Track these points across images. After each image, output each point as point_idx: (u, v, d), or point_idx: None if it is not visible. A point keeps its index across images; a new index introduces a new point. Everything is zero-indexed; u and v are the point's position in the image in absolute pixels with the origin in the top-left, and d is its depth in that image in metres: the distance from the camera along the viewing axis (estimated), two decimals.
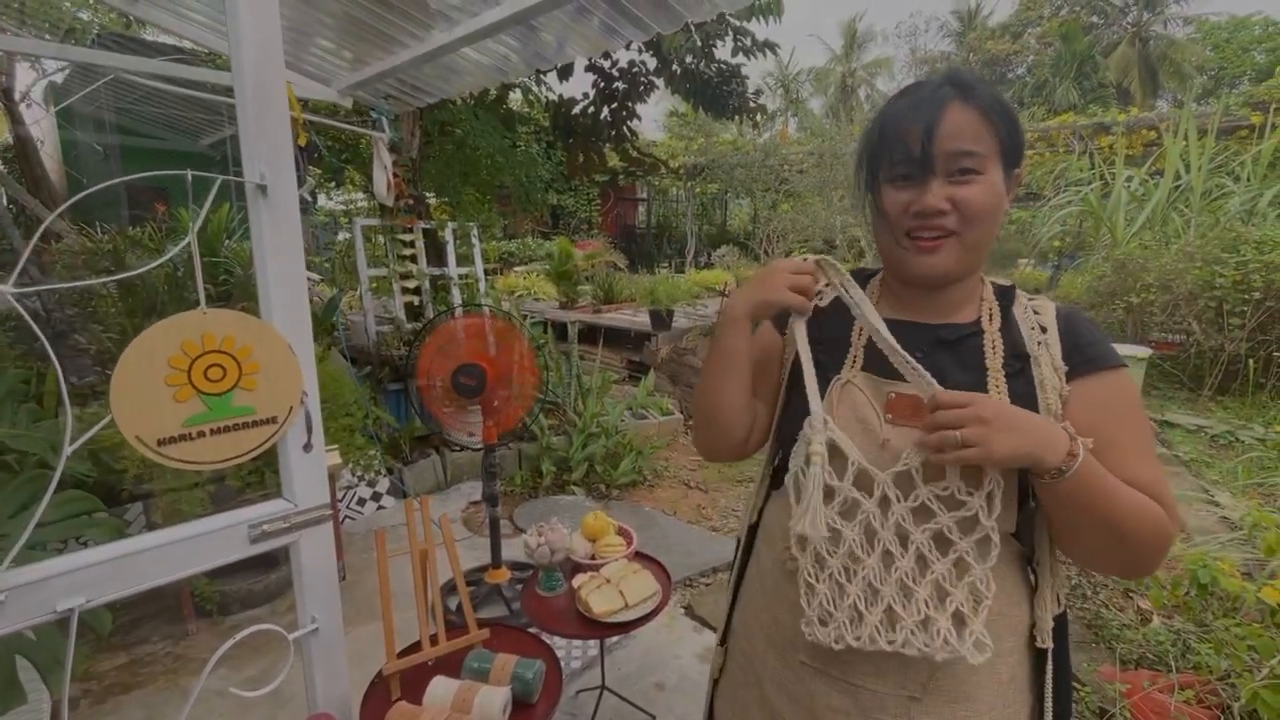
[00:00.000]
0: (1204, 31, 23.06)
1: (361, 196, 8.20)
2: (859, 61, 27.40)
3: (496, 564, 2.54)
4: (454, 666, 1.21)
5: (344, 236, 6.27)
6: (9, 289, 0.72)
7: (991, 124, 0.75)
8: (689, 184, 14.59)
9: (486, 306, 3.91)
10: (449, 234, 4.26)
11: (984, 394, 0.74)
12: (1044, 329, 0.81)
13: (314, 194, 4.93)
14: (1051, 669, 0.80)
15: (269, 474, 2.36)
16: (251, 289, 0.90)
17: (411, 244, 4.11)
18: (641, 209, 17.51)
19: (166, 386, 0.82)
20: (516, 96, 6.04)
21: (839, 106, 25.50)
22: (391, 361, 3.95)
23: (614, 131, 5.48)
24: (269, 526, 0.92)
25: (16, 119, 4.28)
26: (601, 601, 1.59)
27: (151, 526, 2.47)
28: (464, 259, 4.39)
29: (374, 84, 3.16)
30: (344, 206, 9.12)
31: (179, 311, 0.83)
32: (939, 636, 0.71)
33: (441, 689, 1.11)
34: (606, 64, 5.17)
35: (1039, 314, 0.83)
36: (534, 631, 1.47)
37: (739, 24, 4.99)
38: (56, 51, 3.68)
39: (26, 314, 0.84)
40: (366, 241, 4.15)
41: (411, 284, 4.11)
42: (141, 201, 6.13)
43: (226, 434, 0.87)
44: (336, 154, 5.87)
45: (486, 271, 4.66)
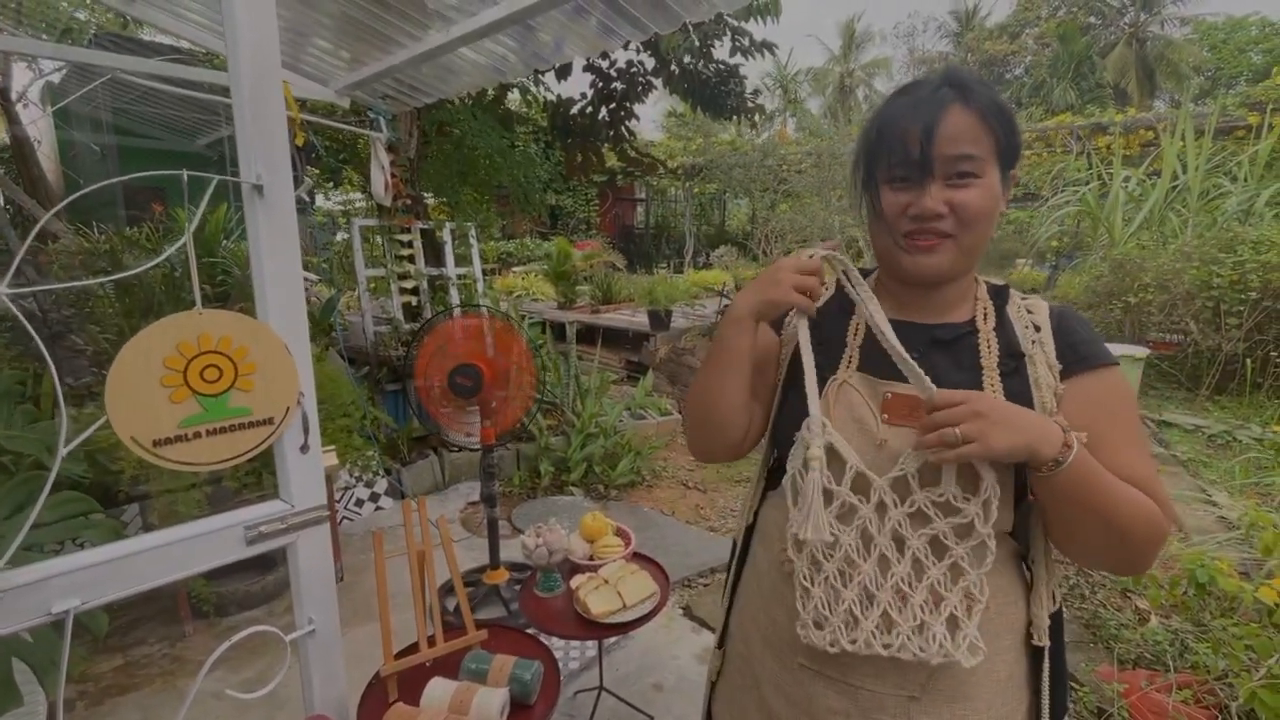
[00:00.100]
0: (1201, 32, 23.14)
1: (359, 197, 8.20)
2: (857, 62, 27.47)
3: (494, 565, 2.54)
4: (452, 668, 1.20)
5: (342, 237, 6.26)
6: (3, 290, 0.72)
7: (990, 126, 0.75)
8: (687, 184, 14.60)
9: (484, 307, 3.91)
10: (447, 234, 4.26)
11: (979, 391, 0.74)
12: (1038, 328, 0.81)
13: (312, 194, 4.92)
14: (1048, 666, 0.80)
15: (266, 475, 2.35)
16: (249, 289, 0.89)
17: (409, 244, 4.11)
18: (640, 209, 17.52)
19: (162, 387, 0.82)
20: (514, 97, 6.02)
21: (837, 107, 25.54)
22: (389, 362, 3.95)
23: (612, 131, 5.47)
24: (266, 528, 0.92)
25: (13, 119, 4.27)
26: (600, 602, 1.59)
27: (148, 528, 2.47)
28: (462, 259, 4.39)
29: (371, 84, 3.16)
30: (342, 207, 9.11)
31: (176, 312, 0.83)
32: (934, 641, 0.71)
33: (439, 690, 1.11)
34: (604, 64, 5.17)
35: (1032, 313, 0.83)
36: (532, 632, 1.47)
37: (737, 24, 4.99)
38: (53, 51, 3.68)
39: (22, 315, 0.84)
40: (364, 242, 4.15)
41: (409, 284, 4.11)
42: (139, 202, 6.11)
43: (223, 435, 0.87)
44: (334, 154, 5.86)
45: (485, 272, 4.66)
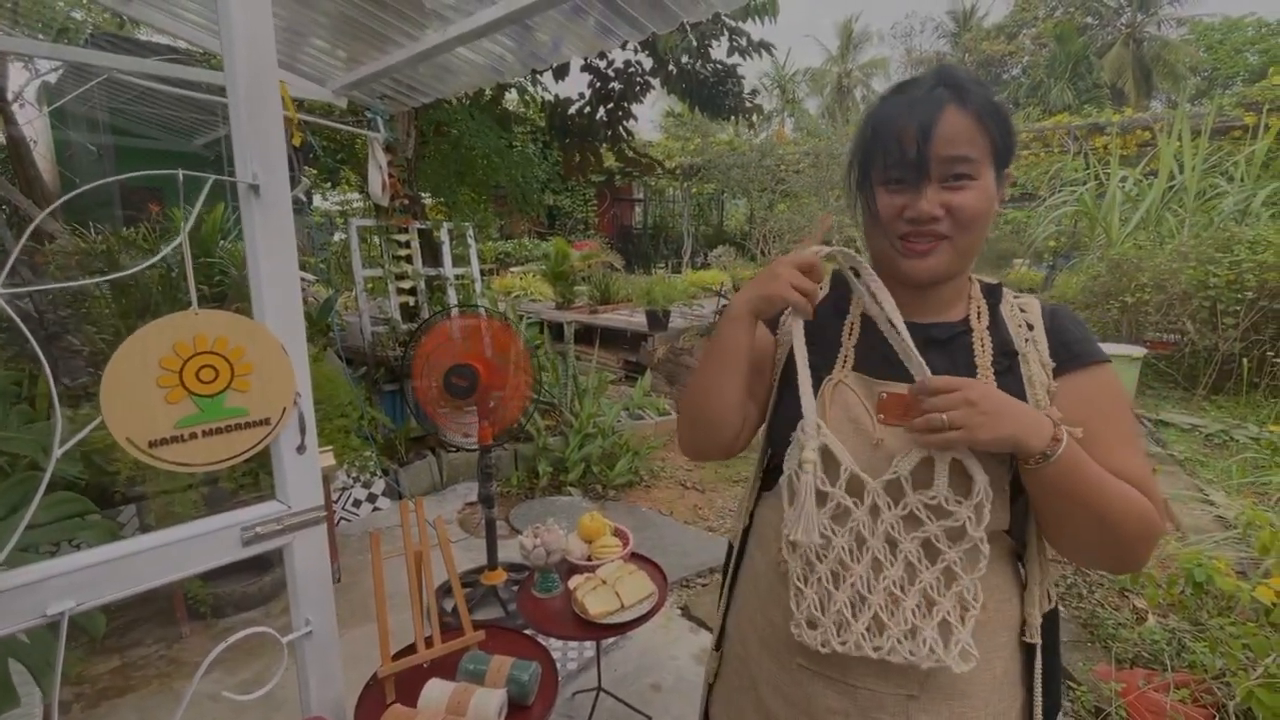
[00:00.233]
0: (1197, 33, 23.18)
1: (357, 197, 8.20)
2: (855, 62, 27.50)
3: (492, 565, 2.53)
4: (449, 669, 1.20)
5: (339, 237, 6.26)
6: None
7: (985, 127, 0.75)
8: (685, 184, 14.60)
9: (482, 307, 3.91)
10: (445, 234, 4.25)
11: (972, 379, 0.74)
12: (1031, 326, 0.82)
13: (309, 194, 4.91)
14: (1041, 664, 0.80)
15: (263, 475, 2.35)
16: (246, 290, 0.89)
17: (407, 244, 4.10)
18: (638, 209, 17.51)
19: (158, 388, 0.81)
20: (512, 96, 6.02)
21: (835, 107, 25.58)
22: (387, 362, 3.94)
23: (610, 132, 5.48)
24: (262, 529, 0.92)
25: (9, 119, 4.25)
26: (597, 603, 1.59)
27: (145, 528, 2.46)
28: (460, 259, 4.38)
29: (369, 84, 3.15)
30: (339, 207, 9.10)
31: (173, 312, 0.83)
32: (925, 646, 0.71)
33: (437, 691, 1.11)
34: (602, 64, 5.17)
35: (1025, 312, 0.83)
36: (530, 633, 1.46)
37: (735, 24, 4.99)
38: (50, 51, 3.67)
39: (16, 316, 0.83)
40: (362, 242, 4.14)
41: (407, 284, 4.10)
42: (135, 202, 6.10)
43: (219, 435, 0.87)
44: (332, 154, 5.85)
45: (483, 272, 4.65)
